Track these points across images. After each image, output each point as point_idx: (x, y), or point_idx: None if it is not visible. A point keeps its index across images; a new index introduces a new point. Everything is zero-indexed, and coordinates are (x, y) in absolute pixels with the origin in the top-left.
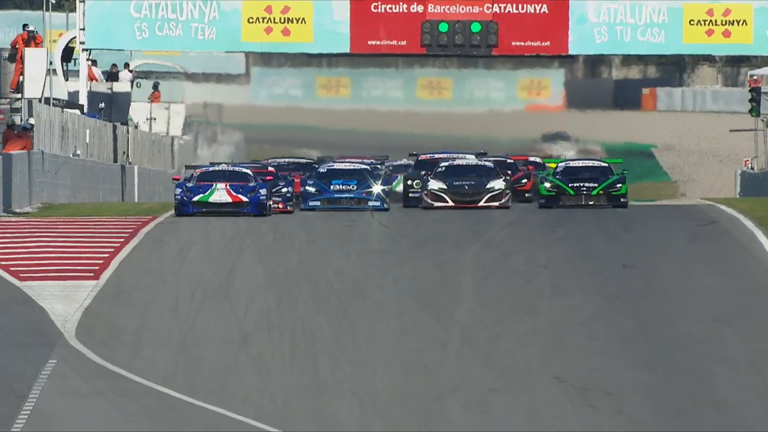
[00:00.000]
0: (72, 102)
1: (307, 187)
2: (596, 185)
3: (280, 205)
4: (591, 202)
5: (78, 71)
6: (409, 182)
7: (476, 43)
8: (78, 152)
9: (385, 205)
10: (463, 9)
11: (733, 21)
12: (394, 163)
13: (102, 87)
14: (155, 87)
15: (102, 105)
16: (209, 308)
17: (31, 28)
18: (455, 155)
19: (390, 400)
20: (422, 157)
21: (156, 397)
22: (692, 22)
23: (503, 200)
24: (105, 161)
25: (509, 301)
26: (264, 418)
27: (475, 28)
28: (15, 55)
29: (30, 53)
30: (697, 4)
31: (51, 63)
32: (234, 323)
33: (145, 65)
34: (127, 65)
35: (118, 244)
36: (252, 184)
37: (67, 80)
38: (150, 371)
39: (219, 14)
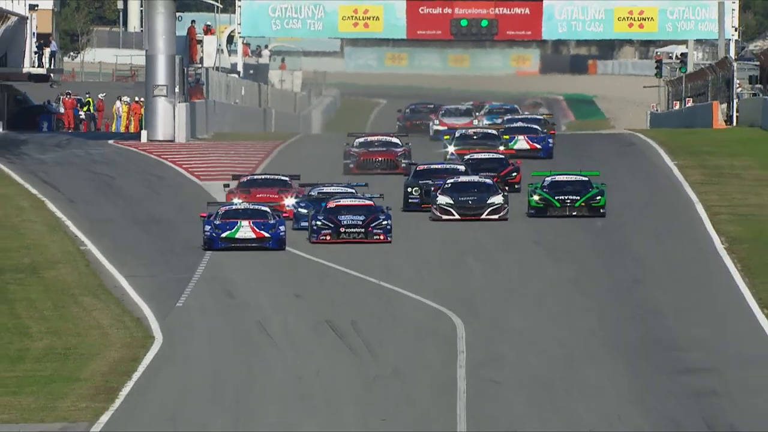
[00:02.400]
0: (233, 69)
1: (300, 209)
2: (578, 197)
3: (381, 237)
4: (574, 213)
5: (237, 50)
6: (409, 189)
7: (484, 32)
8: (237, 101)
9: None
10: (476, 11)
11: (645, 18)
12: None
13: (251, 60)
14: (282, 60)
15: (251, 72)
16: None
17: (208, 23)
18: (450, 166)
19: (434, 261)
20: (420, 167)
21: (286, 253)
22: (620, 18)
23: (502, 213)
24: (254, 106)
25: (517, 209)
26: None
27: (484, 23)
28: (189, 42)
29: (207, 39)
30: (623, 7)
31: (219, 45)
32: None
33: (277, 46)
34: (266, 47)
35: (262, 155)
36: (272, 221)
37: (229, 56)
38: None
39: (324, 14)
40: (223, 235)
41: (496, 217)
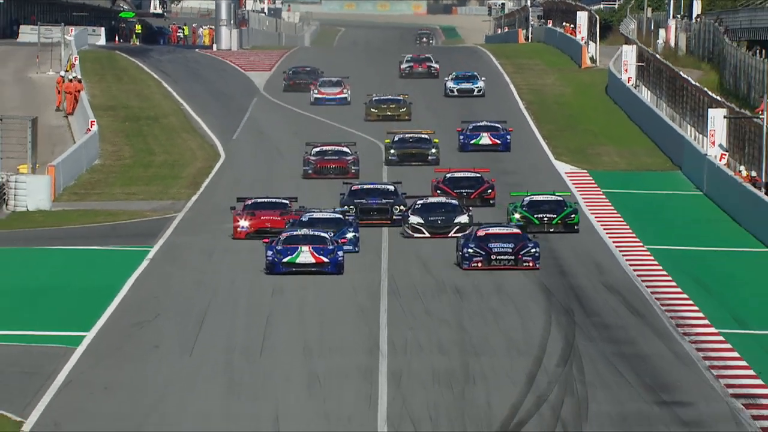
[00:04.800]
0: (262, 11)
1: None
2: (555, 216)
3: (531, 264)
4: (551, 230)
5: (264, 0)
6: (346, 208)
7: None
8: (264, 28)
9: (356, 249)
10: None
11: None
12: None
13: (272, 5)
14: (288, 6)
15: (272, 11)
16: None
17: None
18: (381, 186)
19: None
20: (354, 187)
21: (312, 120)
22: None
23: (467, 231)
24: (272, 31)
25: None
26: None
27: None
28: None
29: None
30: None
31: None
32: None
33: None
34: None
35: (278, 58)
36: (330, 246)
37: (261, 3)
38: (296, 105)
39: None
40: (285, 260)
41: (461, 235)
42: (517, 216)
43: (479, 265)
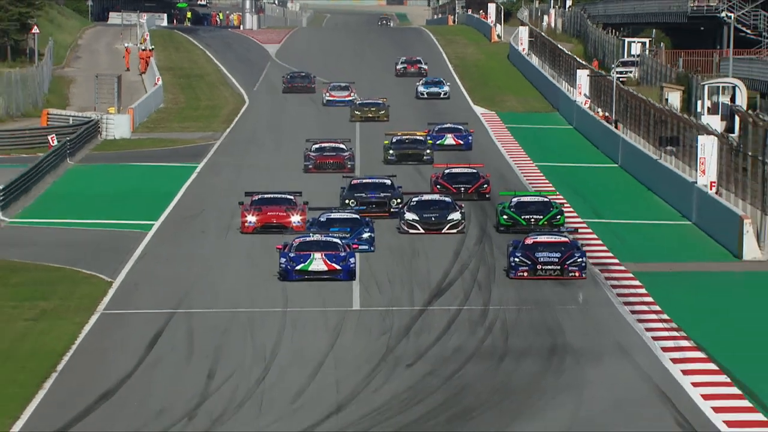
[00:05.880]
0: (274, 2)
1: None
2: (541, 217)
3: (577, 274)
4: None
5: None
6: (347, 201)
7: None
8: (275, 14)
9: (372, 248)
10: None
11: None
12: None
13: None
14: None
15: (281, 3)
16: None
17: None
18: (379, 180)
19: None
20: (354, 181)
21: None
22: None
23: (460, 228)
24: (281, 17)
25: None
26: None
27: None
28: None
29: None
30: None
31: None
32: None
33: None
34: None
35: (284, 36)
36: (343, 253)
37: None
38: (307, 68)
39: None
40: (297, 267)
41: (455, 231)
42: (504, 217)
43: (525, 275)
